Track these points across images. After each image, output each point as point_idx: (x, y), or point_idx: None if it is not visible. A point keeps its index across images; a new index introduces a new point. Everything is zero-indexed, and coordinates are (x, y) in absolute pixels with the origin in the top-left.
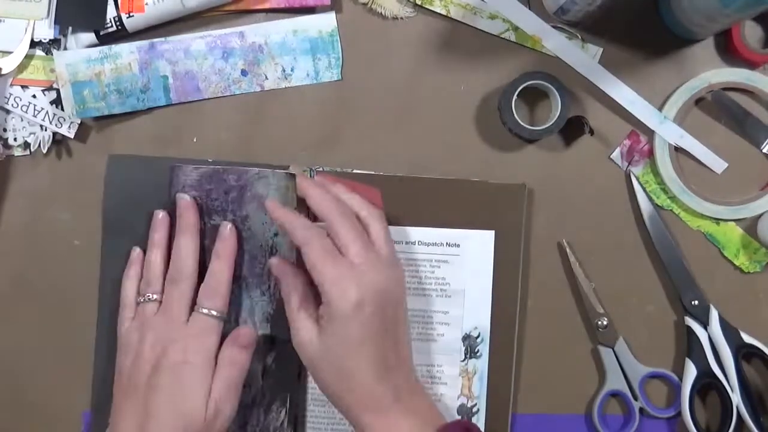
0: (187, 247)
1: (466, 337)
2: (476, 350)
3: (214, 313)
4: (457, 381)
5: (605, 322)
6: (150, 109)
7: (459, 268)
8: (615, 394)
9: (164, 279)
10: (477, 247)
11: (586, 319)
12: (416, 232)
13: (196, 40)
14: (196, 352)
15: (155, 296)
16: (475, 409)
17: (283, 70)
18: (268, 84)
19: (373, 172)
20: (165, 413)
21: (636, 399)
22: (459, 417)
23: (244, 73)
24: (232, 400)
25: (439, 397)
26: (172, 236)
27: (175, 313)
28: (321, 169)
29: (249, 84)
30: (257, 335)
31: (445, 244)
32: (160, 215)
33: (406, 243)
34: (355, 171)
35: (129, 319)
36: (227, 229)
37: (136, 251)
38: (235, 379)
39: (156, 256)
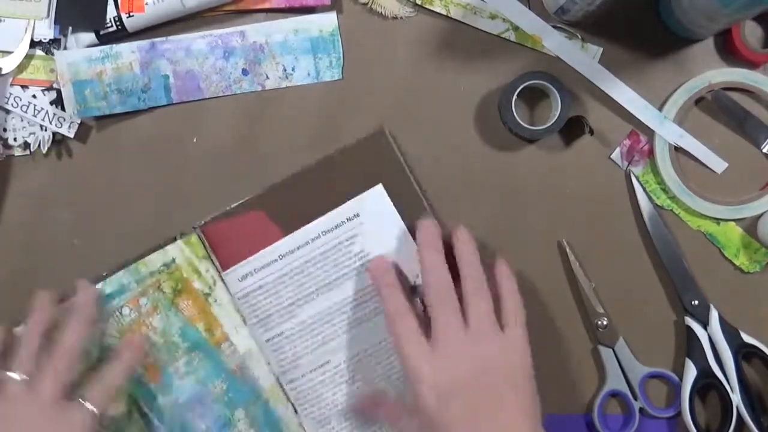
0: (77, 331)
1: (414, 288)
2: None
3: (95, 410)
4: None
5: (605, 322)
6: (151, 109)
7: (371, 234)
8: (615, 394)
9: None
10: (374, 206)
11: (586, 319)
12: (315, 226)
13: (196, 40)
14: None
15: (24, 377)
16: None
17: (284, 70)
18: (269, 83)
19: (253, 195)
20: None
21: (636, 399)
22: None
23: (245, 72)
24: None
25: None
26: None
27: (47, 395)
28: None
29: (250, 83)
30: None
31: (346, 221)
32: (45, 295)
33: (312, 240)
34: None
35: None
36: (137, 336)
37: None
38: None
39: (35, 334)
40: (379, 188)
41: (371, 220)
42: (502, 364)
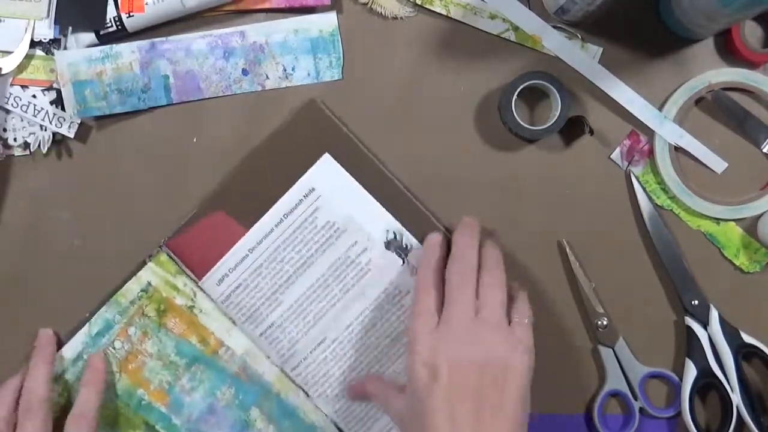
0: (39, 374)
1: (389, 243)
2: (405, 246)
3: None
4: None
5: (605, 322)
6: (151, 109)
7: (331, 204)
8: (615, 394)
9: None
10: (327, 176)
11: (586, 319)
12: (275, 212)
13: (197, 40)
14: None
15: None
16: None
17: (284, 70)
18: (269, 83)
19: (206, 197)
20: None
21: (636, 399)
22: None
23: (245, 72)
24: None
25: None
26: None
27: None
28: None
29: (250, 83)
30: None
31: (303, 198)
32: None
33: (276, 226)
34: None
35: None
36: (96, 358)
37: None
38: None
39: (5, 395)
40: (327, 157)
41: (327, 191)
42: (502, 359)
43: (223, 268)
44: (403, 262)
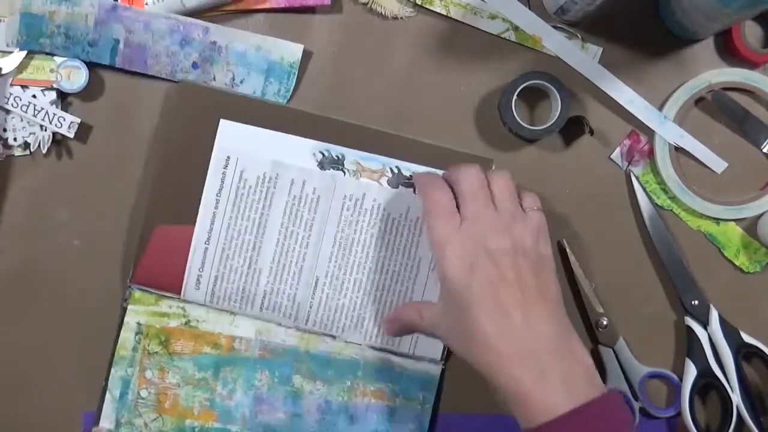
0: None
1: (322, 163)
2: (336, 158)
3: None
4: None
5: (605, 322)
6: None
7: (251, 160)
8: None
9: None
10: (234, 138)
11: (586, 319)
12: (208, 198)
13: (159, 19)
14: None
15: None
16: None
17: (233, 78)
18: (214, 85)
19: (142, 219)
20: None
21: (636, 399)
22: None
23: (195, 65)
24: None
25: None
26: None
27: None
28: None
29: (196, 77)
30: None
31: (224, 169)
32: None
33: (216, 208)
34: None
35: None
36: None
37: None
38: None
39: None
40: (224, 123)
41: (242, 151)
42: (531, 245)
43: (193, 271)
44: (344, 173)
